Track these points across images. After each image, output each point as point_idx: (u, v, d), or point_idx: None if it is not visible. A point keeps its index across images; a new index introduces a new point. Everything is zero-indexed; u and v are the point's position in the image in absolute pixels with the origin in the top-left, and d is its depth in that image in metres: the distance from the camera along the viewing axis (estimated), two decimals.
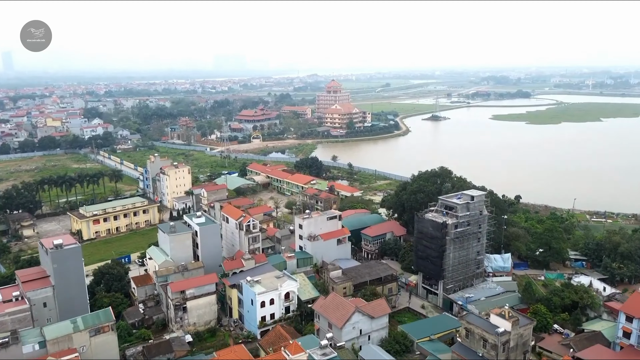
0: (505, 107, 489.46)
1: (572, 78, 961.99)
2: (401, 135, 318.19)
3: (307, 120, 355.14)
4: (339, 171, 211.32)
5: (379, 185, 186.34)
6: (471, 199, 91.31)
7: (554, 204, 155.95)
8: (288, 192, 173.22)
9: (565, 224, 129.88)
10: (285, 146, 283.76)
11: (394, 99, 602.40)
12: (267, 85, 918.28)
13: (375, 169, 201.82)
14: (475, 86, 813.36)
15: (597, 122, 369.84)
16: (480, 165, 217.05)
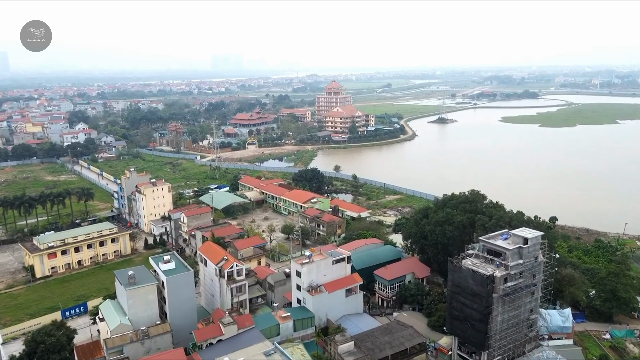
0: (514, 108, 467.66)
1: (577, 77, 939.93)
2: (407, 140, 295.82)
3: (307, 124, 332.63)
4: (342, 183, 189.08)
5: (388, 201, 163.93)
6: (524, 242, 68.93)
7: (595, 225, 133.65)
8: (285, 211, 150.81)
9: (617, 256, 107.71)
10: (283, 153, 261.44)
11: (396, 100, 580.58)
12: (266, 85, 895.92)
13: (384, 182, 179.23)
14: (479, 86, 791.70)
15: (615, 125, 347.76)
16: (498, 176, 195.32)
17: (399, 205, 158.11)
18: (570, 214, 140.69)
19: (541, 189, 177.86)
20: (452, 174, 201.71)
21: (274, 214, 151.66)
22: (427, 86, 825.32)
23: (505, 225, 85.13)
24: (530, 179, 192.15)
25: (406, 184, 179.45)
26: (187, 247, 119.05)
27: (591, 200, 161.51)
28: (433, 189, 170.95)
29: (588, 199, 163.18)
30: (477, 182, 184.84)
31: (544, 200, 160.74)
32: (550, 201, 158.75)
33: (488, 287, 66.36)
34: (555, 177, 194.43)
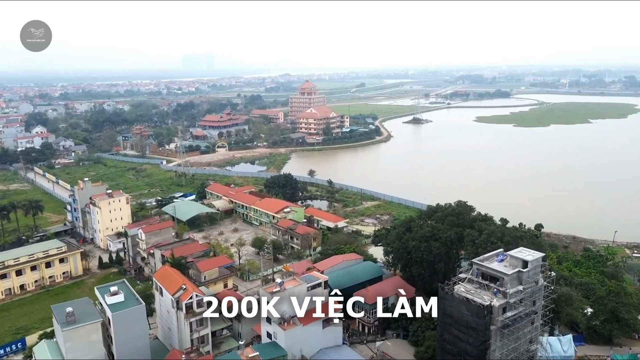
0: (487, 107, 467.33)
1: (545, 77, 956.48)
2: (383, 142, 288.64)
3: (280, 126, 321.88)
4: (317, 189, 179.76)
5: (366, 208, 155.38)
6: (524, 266, 60.89)
7: (581, 231, 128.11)
8: (256, 221, 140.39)
9: (609, 267, 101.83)
10: (255, 156, 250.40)
11: (370, 100, 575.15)
12: (237, 85, 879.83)
13: (361, 187, 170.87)
14: (452, 85, 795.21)
15: (587, 124, 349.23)
16: (476, 179, 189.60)
17: (377, 213, 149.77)
18: (554, 219, 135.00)
19: (522, 191, 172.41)
20: (430, 177, 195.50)
21: (244, 225, 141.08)
22: (400, 86, 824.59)
23: (496, 241, 77.36)
24: (510, 181, 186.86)
25: (384, 189, 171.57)
26: (146, 266, 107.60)
27: (574, 203, 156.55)
28: (412, 194, 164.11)
29: (571, 202, 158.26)
30: (456, 185, 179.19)
31: (526, 203, 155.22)
32: (532, 205, 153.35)
33: (485, 319, 58.07)
34: (536, 179, 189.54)
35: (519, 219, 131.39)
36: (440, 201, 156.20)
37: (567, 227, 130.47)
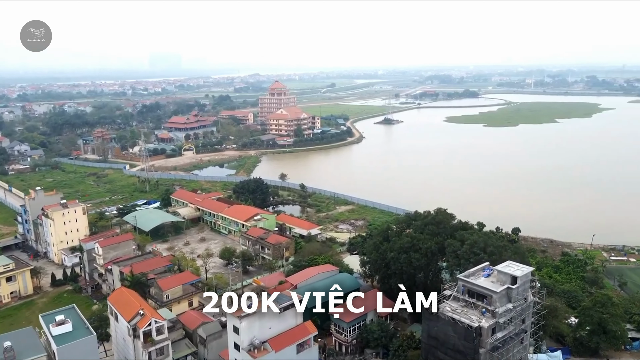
0: (456, 107, 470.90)
1: (511, 77, 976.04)
2: (355, 143, 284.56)
3: (249, 127, 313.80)
4: (289, 193, 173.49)
5: (340, 213, 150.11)
6: (512, 282, 56.59)
7: (557, 235, 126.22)
8: (225, 230, 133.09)
9: (588, 271, 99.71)
10: (224, 159, 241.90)
11: (341, 100, 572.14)
12: (206, 85, 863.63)
13: (335, 191, 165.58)
14: (421, 86, 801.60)
15: (554, 124, 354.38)
16: (450, 180, 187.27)
17: (351, 218, 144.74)
18: (530, 221, 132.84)
19: (497, 192, 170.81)
20: (404, 180, 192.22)
21: (211, 234, 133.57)
22: (370, 86, 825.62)
23: (479, 252, 73.24)
24: (484, 182, 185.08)
25: (358, 192, 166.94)
26: (104, 283, 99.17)
27: (549, 204, 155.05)
28: (386, 198, 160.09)
29: (546, 203, 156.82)
30: (430, 188, 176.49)
31: (502, 205, 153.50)
32: (508, 206, 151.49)
33: (474, 342, 53.44)
34: (510, 180, 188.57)
35: (495, 222, 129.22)
36: (414, 204, 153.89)
37: (544, 230, 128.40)
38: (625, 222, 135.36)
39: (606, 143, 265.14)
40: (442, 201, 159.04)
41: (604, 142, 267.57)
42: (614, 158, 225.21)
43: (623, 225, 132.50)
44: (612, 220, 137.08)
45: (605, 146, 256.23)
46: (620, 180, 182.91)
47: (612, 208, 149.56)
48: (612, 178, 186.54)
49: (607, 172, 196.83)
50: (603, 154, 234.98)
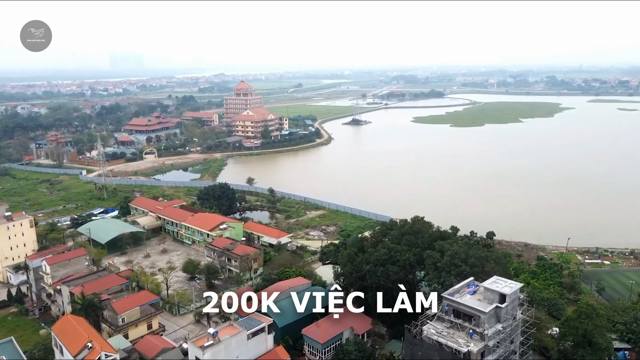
0: (423, 108, 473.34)
1: (474, 77, 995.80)
2: (324, 144, 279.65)
3: (214, 129, 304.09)
4: (257, 198, 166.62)
5: (310, 219, 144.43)
6: (501, 300, 52.39)
7: (531, 238, 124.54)
8: (188, 240, 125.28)
9: (565, 276, 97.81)
10: (187, 163, 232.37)
11: (309, 101, 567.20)
12: (169, 86, 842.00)
13: (305, 196, 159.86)
14: (387, 86, 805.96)
15: (519, 124, 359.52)
16: (420, 182, 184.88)
17: (322, 224, 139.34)
18: (504, 224, 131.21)
19: (470, 194, 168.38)
20: (375, 182, 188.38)
21: (174, 244, 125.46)
22: (337, 86, 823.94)
23: (460, 264, 69.05)
24: (455, 183, 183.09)
25: (328, 197, 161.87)
26: (54, 304, 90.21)
27: (522, 205, 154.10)
28: (358, 202, 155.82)
29: (519, 204, 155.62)
30: (400, 191, 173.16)
31: (475, 207, 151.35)
32: (481, 208, 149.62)
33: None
34: (481, 180, 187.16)
35: (468, 225, 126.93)
36: (386, 208, 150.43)
37: (518, 233, 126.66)
38: (597, 223, 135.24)
39: (572, 142, 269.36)
40: (413, 204, 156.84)
41: (570, 142, 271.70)
42: (582, 158, 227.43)
43: (595, 227, 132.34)
44: (584, 221, 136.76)
45: (571, 145, 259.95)
46: (589, 181, 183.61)
47: (584, 209, 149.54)
48: (581, 178, 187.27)
49: (577, 172, 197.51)
50: (571, 154, 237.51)
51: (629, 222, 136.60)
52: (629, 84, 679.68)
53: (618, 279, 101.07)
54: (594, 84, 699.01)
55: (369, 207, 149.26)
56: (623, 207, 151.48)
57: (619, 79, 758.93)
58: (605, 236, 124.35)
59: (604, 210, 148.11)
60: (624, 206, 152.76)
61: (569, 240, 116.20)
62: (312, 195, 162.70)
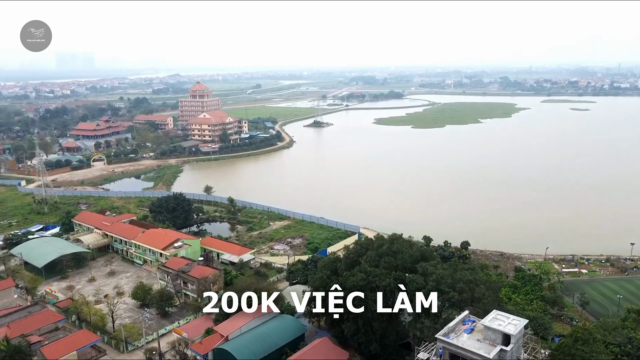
0: (384, 109, 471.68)
1: (431, 77, 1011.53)
2: (285, 148, 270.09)
3: (169, 133, 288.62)
4: (216, 209, 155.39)
5: (274, 230, 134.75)
6: (504, 342, 45.02)
7: (506, 247, 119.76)
8: (139, 259, 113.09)
9: (547, 290, 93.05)
10: (140, 170, 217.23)
11: (268, 102, 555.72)
12: (121, 87, 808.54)
13: (268, 205, 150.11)
14: (346, 87, 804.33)
15: (478, 124, 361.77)
16: (388, 187, 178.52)
17: (288, 236, 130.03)
18: (475, 231, 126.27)
19: (439, 198, 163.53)
20: (340, 188, 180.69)
21: (123, 265, 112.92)
22: (296, 87, 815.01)
23: (447, 290, 61.79)
24: (423, 187, 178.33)
25: (293, 205, 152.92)
26: None
27: (494, 210, 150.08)
28: (324, 210, 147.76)
29: (490, 209, 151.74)
30: (368, 197, 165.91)
31: (445, 213, 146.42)
32: (452, 214, 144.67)
33: None
34: (449, 184, 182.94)
35: (441, 234, 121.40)
36: (354, 217, 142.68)
37: (492, 241, 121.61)
38: (569, 228, 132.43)
39: (535, 142, 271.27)
40: (382, 212, 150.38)
41: (533, 142, 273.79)
42: (549, 158, 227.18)
43: (568, 232, 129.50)
44: (556, 226, 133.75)
45: (535, 145, 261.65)
46: (559, 183, 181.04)
47: (556, 212, 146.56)
48: (550, 180, 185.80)
49: (545, 174, 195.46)
50: (537, 155, 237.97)
51: (601, 226, 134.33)
52: (578, 84, 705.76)
53: (599, 290, 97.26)
54: (545, 84, 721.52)
55: (336, 216, 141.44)
56: (594, 210, 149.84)
57: (568, 79, 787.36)
58: (579, 242, 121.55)
59: (575, 213, 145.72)
60: (595, 208, 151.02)
61: (541, 247, 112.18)
62: (276, 204, 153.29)
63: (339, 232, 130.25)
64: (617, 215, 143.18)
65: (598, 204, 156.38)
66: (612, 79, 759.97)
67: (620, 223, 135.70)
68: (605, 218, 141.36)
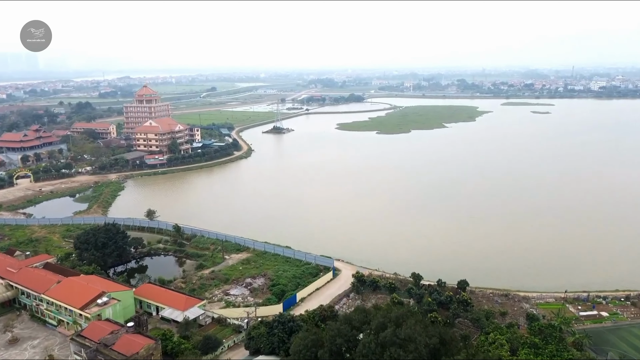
0: (345, 113, 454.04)
1: (388, 80, 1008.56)
2: (243, 158, 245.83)
3: (111, 143, 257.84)
4: (160, 238, 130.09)
5: (230, 267, 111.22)
6: None
7: (507, 282, 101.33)
8: (53, 319, 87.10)
9: (570, 347, 74.85)
10: (73, 188, 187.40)
11: (224, 106, 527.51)
12: (65, 90, 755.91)
13: (222, 233, 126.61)
14: (305, 89, 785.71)
15: (444, 129, 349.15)
16: (363, 208, 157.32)
17: (247, 274, 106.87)
18: (469, 264, 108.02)
19: (419, 221, 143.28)
20: (306, 207, 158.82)
21: (31, 327, 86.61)
22: (254, 90, 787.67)
23: None
24: (400, 208, 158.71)
25: (252, 231, 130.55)
26: None
27: (486, 234, 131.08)
28: (289, 237, 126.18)
29: (481, 232, 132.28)
30: (338, 219, 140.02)
31: (429, 240, 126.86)
32: (437, 242, 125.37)
33: None
34: (428, 201, 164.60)
35: (431, 269, 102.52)
36: (324, 245, 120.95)
37: (490, 277, 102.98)
38: (575, 257, 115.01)
39: (509, 148, 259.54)
40: (356, 238, 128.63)
41: (507, 148, 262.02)
42: (528, 167, 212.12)
43: (575, 262, 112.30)
44: (560, 255, 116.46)
45: (510, 152, 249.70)
46: (551, 201, 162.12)
47: (556, 237, 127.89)
48: (543, 194, 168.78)
49: (537, 187, 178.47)
50: (516, 162, 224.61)
51: (612, 254, 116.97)
52: (534, 86, 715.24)
53: (628, 341, 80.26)
54: (502, 87, 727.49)
55: (304, 245, 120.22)
56: (600, 235, 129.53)
57: (523, 82, 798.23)
58: (588, 273, 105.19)
59: (579, 239, 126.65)
60: (602, 233, 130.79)
61: (554, 285, 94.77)
62: (232, 230, 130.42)
63: (308, 268, 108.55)
64: (628, 239, 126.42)
65: (605, 228, 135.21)
66: (566, 81, 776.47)
67: (633, 249, 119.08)
68: (614, 244, 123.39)
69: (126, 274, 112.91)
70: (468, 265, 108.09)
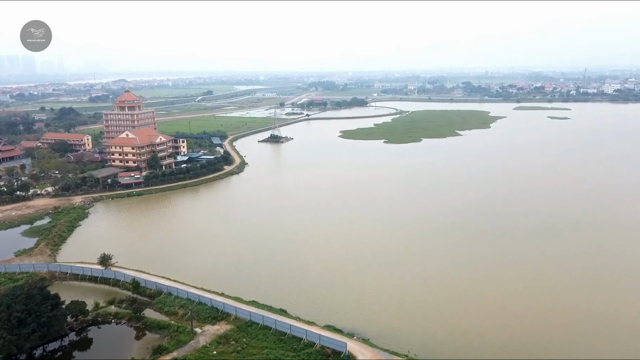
0: (348, 119, 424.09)
1: (390, 82, 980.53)
2: (235, 174, 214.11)
3: (83, 157, 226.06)
4: (114, 296, 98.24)
5: (200, 352, 79.29)
6: None
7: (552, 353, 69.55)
8: None
9: None
10: (26, 216, 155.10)
11: (219, 111, 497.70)
12: (55, 94, 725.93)
13: (197, 294, 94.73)
14: (305, 92, 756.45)
15: (458, 137, 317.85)
16: (379, 244, 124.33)
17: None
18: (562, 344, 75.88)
19: (478, 264, 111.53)
20: (308, 247, 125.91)
21: None
22: (252, 93, 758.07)
23: None
24: (427, 246, 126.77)
25: (236, 284, 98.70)
26: None
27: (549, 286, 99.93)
28: (284, 294, 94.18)
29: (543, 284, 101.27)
30: (356, 266, 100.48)
31: (495, 297, 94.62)
32: (507, 297, 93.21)
33: None
34: (468, 239, 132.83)
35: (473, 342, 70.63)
36: (335, 307, 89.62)
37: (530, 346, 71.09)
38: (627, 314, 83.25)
39: (540, 162, 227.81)
40: (381, 300, 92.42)
41: (537, 160, 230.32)
42: (586, 193, 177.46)
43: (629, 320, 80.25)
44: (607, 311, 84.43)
45: (552, 168, 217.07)
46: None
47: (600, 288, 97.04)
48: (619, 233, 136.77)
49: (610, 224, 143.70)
50: (568, 185, 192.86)
51: None
52: (544, 89, 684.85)
53: None
54: (511, 90, 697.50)
55: (303, 306, 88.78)
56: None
57: (532, 84, 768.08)
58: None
59: None
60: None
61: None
62: (211, 280, 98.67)
63: (311, 353, 76.81)
64: None
65: None
66: (577, 84, 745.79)
67: None
68: None
69: (60, 354, 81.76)
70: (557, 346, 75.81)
